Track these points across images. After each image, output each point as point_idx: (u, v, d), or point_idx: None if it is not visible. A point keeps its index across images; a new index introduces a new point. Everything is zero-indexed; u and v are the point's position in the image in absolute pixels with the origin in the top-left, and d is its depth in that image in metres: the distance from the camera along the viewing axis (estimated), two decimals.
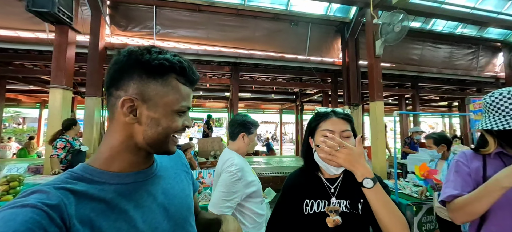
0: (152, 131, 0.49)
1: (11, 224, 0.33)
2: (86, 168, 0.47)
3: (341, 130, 0.78)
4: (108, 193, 0.45)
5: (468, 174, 0.86)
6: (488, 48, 6.41)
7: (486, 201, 0.73)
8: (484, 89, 7.29)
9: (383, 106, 4.10)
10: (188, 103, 0.53)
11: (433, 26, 5.69)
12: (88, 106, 3.95)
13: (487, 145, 0.85)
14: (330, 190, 0.82)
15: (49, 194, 0.39)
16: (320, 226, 0.76)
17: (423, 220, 1.99)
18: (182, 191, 0.60)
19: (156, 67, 0.47)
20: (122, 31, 4.61)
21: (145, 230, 0.47)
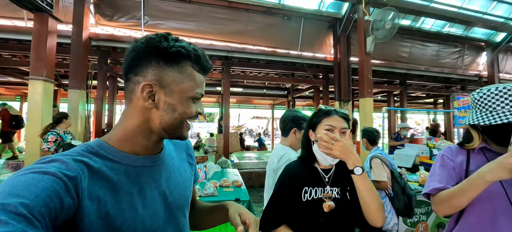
0: (169, 116, 0.51)
1: (33, 189, 0.35)
2: (101, 144, 0.49)
3: (341, 127, 0.90)
4: (118, 173, 0.48)
5: (452, 169, 0.88)
6: (473, 48, 6.63)
7: (470, 195, 0.75)
8: (467, 87, 7.58)
9: (372, 102, 4.17)
10: (202, 90, 0.55)
11: (422, 24, 5.82)
12: (72, 99, 3.78)
13: (472, 140, 0.87)
14: (324, 179, 0.93)
15: (68, 165, 0.41)
16: (317, 210, 0.87)
17: None
18: (183, 182, 0.62)
19: (173, 54, 0.50)
20: (108, 21, 4.41)
21: (144, 215, 0.49)
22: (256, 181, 5.00)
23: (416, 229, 2.05)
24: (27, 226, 0.32)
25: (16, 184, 0.35)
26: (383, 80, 7.31)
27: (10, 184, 0.36)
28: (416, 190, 2.13)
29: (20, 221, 0.32)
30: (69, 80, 3.85)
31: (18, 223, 0.32)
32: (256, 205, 3.90)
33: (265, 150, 9.67)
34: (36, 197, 0.35)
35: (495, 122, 0.76)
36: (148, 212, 0.50)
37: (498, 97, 0.78)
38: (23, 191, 0.35)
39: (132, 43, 0.51)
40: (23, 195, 0.34)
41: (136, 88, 0.50)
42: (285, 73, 6.58)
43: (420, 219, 2.07)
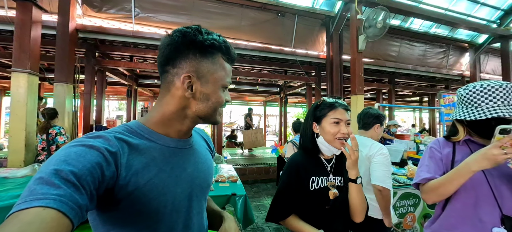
0: (203, 105, 0.56)
1: (81, 160, 0.40)
2: (139, 126, 0.54)
3: (346, 119, 0.94)
4: (153, 151, 0.52)
5: (440, 159, 0.94)
6: (457, 48, 6.93)
7: (456, 183, 0.81)
8: (451, 86, 7.92)
9: (363, 99, 4.28)
10: (230, 79, 0.60)
11: (411, 24, 6.00)
12: (57, 93, 3.61)
13: (458, 133, 0.93)
14: (327, 168, 0.99)
15: (110, 142, 0.46)
16: (323, 198, 0.93)
17: (397, 204, 2.14)
18: (208, 168, 0.66)
19: (208, 46, 0.54)
20: (96, 12, 4.23)
21: (174, 192, 0.54)
22: (249, 176, 5.02)
23: (404, 219, 2.15)
24: (75, 192, 0.37)
25: (68, 153, 0.40)
26: (373, 78, 7.51)
27: (64, 153, 0.41)
28: (404, 183, 2.23)
29: (69, 186, 0.36)
30: (54, 74, 3.68)
31: (68, 188, 0.36)
32: (250, 200, 3.93)
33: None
34: (83, 167, 0.39)
35: (480, 117, 0.81)
36: (178, 190, 0.55)
37: (482, 93, 0.84)
38: (73, 160, 0.39)
39: (166, 37, 0.55)
40: (74, 164, 0.39)
41: (175, 79, 0.54)
42: (278, 69, 6.61)
43: (408, 211, 2.17)
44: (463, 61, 7.15)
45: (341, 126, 0.92)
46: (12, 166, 2.67)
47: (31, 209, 0.32)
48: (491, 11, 5.83)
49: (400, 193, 2.13)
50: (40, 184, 0.35)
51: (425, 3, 5.19)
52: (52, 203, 0.33)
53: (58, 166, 0.37)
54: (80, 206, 0.37)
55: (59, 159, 0.39)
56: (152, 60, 6.04)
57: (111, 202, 0.46)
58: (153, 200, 0.49)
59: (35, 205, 0.33)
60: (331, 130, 0.92)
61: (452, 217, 0.90)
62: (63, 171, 0.37)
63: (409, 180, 2.28)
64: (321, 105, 0.99)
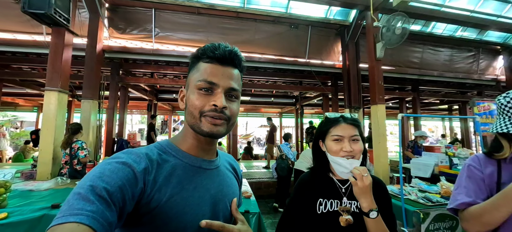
0: (187, 112, 0.56)
1: (114, 176, 0.43)
2: (168, 144, 0.57)
3: (350, 135, 0.83)
4: (179, 168, 0.54)
5: (481, 180, 0.80)
6: (488, 51, 6.40)
7: (505, 210, 0.67)
8: (484, 92, 7.27)
9: (384, 109, 4.04)
10: (210, 78, 0.54)
11: (433, 29, 5.69)
12: (84, 109, 3.88)
13: (502, 149, 0.78)
14: (341, 190, 0.85)
15: (141, 159, 0.49)
16: (333, 225, 0.79)
17: (431, 227, 1.90)
18: (233, 194, 0.64)
19: (192, 57, 0.58)
20: (121, 34, 4.57)
21: (195, 212, 0.52)
22: (265, 191, 4.88)
23: None
24: (106, 209, 0.39)
25: (103, 170, 0.43)
26: (394, 87, 7.14)
27: (99, 169, 0.44)
28: (438, 203, 1.99)
29: (102, 203, 0.39)
30: (82, 91, 3.97)
31: (100, 205, 0.38)
32: (266, 216, 3.79)
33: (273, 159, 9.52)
34: (115, 184, 0.42)
35: None
36: (199, 212, 0.54)
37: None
38: (107, 177, 0.42)
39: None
40: (107, 181, 0.41)
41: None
42: (293, 81, 6.55)
43: None
44: (496, 65, 6.56)
45: (343, 143, 0.82)
46: (41, 178, 2.84)
47: (67, 225, 0.35)
48: None
49: (433, 214, 1.90)
50: (77, 199, 0.38)
51: (448, 6, 4.91)
52: (85, 220, 0.36)
53: (93, 182, 0.40)
54: (110, 223, 0.39)
55: (95, 175, 0.42)
56: (171, 75, 6.32)
57: (133, 218, 0.47)
58: (173, 219, 0.49)
59: (71, 221, 0.35)
60: (333, 148, 0.83)
61: None
62: (97, 187, 0.40)
63: (443, 199, 2.03)
64: (325, 121, 0.91)
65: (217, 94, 0.54)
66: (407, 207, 2.00)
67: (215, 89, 0.54)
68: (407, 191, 2.26)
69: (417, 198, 2.11)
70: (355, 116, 0.90)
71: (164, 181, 0.50)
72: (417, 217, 1.90)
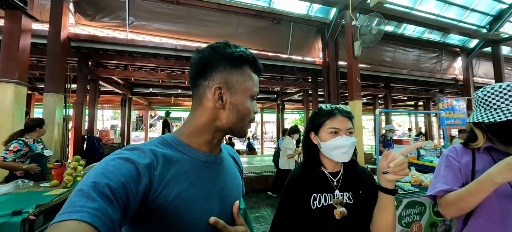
0: (233, 115, 0.56)
1: (117, 172, 0.42)
2: (173, 138, 0.56)
3: (346, 128, 0.84)
4: (185, 164, 0.53)
5: (458, 169, 0.86)
6: (450, 53, 7.06)
7: (478, 196, 0.73)
8: (445, 90, 8.03)
9: (361, 105, 4.26)
10: (257, 89, 0.61)
11: (404, 30, 6.10)
12: (47, 104, 3.49)
13: (477, 139, 0.85)
14: (333, 183, 0.86)
15: (145, 154, 0.48)
16: (328, 218, 0.80)
17: (403, 213, 2.06)
18: (237, 187, 0.65)
19: (237, 58, 0.56)
20: (89, 21, 4.17)
21: (202, 209, 0.52)
22: (248, 186, 4.89)
23: (410, 229, 2.07)
24: (109, 205, 0.38)
25: (106, 166, 0.42)
26: (369, 84, 7.56)
27: (103, 165, 0.42)
28: (409, 191, 2.16)
29: (104, 200, 0.38)
30: (44, 84, 3.56)
31: (103, 202, 0.37)
32: (249, 211, 3.80)
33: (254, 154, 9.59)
34: (118, 180, 0.40)
35: (500, 119, 0.75)
36: (208, 207, 0.53)
37: (502, 94, 0.78)
38: (110, 173, 0.41)
39: (197, 53, 0.57)
40: (110, 177, 0.40)
41: (206, 91, 0.55)
42: (275, 76, 6.60)
43: (414, 220, 2.09)
44: (456, 66, 7.27)
45: (340, 136, 0.82)
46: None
47: (68, 222, 0.34)
48: (480, 16, 5.97)
49: (405, 201, 2.05)
50: (79, 196, 0.37)
51: (417, 9, 5.30)
52: (87, 217, 0.35)
53: (96, 179, 0.39)
54: (113, 220, 0.38)
55: (98, 172, 0.41)
56: (147, 68, 5.96)
57: (142, 215, 0.47)
58: (183, 215, 0.49)
59: (72, 218, 0.35)
60: (329, 141, 0.83)
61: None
62: (100, 183, 0.39)
63: (413, 187, 2.21)
64: (319, 113, 0.90)
65: (255, 102, 0.61)
66: None
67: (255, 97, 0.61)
68: None
69: None
70: (347, 108, 0.90)
71: (171, 177, 0.49)
72: None
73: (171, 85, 7.81)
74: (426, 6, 5.36)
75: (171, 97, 8.66)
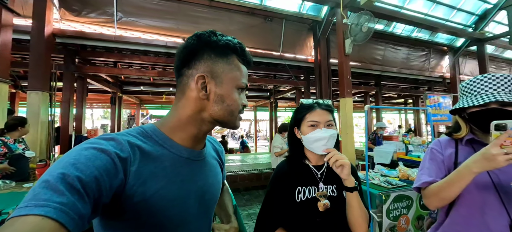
0: (219, 107, 0.54)
1: (90, 164, 0.38)
2: (154, 130, 0.53)
3: (325, 120, 0.86)
4: (165, 160, 0.50)
5: (441, 161, 0.89)
6: (437, 51, 7.24)
7: (458, 186, 0.75)
8: (433, 87, 8.24)
9: (352, 102, 4.32)
10: (246, 80, 0.58)
11: (394, 29, 6.21)
12: (31, 102, 3.36)
13: (460, 130, 0.88)
14: (317, 176, 0.88)
15: (122, 147, 0.44)
16: (311, 210, 0.82)
17: (391, 207, 2.11)
18: (217, 183, 0.64)
19: (223, 46, 0.54)
20: (75, 17, 4.03)
21: (182, 206, 0.51)
22: (241, 184, 4.89)
23: (398, 222, 2.12)
24: (78, 200, 0.35)
25: (78, 156, 0.38)
26: (360, 82, 7.67)
27: (74, 155, 0.39)
28: (397, 185, 2.21)
29: (73, 194, 0.34)
30: (28, 81, 3.43)
31: (72, 196, 0.34)
32: (242, 209, 3.80)
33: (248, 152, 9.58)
34: (90, 174, 0.37)
35: (478, 103, 0.77)
36: (186, 205, 0.52)
37: (482, 82, 0.81)
38: (82, 165, 0.37)
39: (183, 42, 0.55)
40: (82, 169, 0.37)
41: (189, 80, 0.53)
42: (267, 74, 6.59)
43: (401, 213, 2.14)
44: (443, 64, 7.47)
45: (320, 128, 0.85)
46: None
47: (30, 217, 0.31)
48: (466, 16, 6.15)
49: (393, 195, 2.10)
50: (45, 188, 0.34)
51: (406, 8, 5.40)
52: (52, 213, 0.32)
53: (65, 170, 0.36)
54: (82, 216, 0.35)
55: (68, 162, 0.37)
56: (138, 66, 5.84)
57: (116, 211, 0.44)
58: (159, 213, 0.47)
59: (35, 213, 0.31)
60: (309, 134, 0.85)
61: (457, 223, 0.84)
62: (70, 175, 0.35)
63: (401, 182, 2.26)
64: (300, 107, 0.92)
65: (244, 94, 0.59)
66: (371, 191, 2.18)
67: (244, 90, 0.58)
68: (371, 176, 2.46)
69: (379, 182, 2.32)
70: (328, 102, 0.92)
71: (149, 174, 0.46)
72: (379, 199, 2.08)
73: (162, 83, 7.68)
74: (415, 5, 5.47)
75: (163, 95, 8.53)
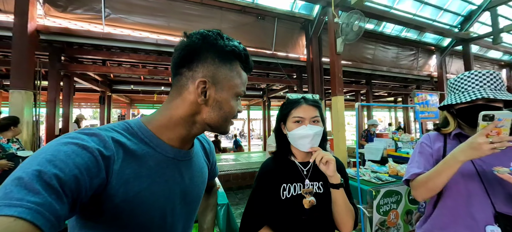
0: (215, 113, 0.52)
1: (69, 162, 0.35)
2: (141, 127, 0.50)
3: (311, 116, 0.84)
4: (150, 159, 0.48)
5: (430, 155, 0.91)
6: (425, 51, 7.44)
7: (445, 175, 0.76)
8: (422, 86, 8.47)
9: (343, 100, 4.37)
10: (245, 88, 0.57)
11: (384, 29, 6.33)
12: (14, 102, 3.22)
13: (448, 125, 0.91)
14: (303, 172, 0.87)
15: (106, 144, 0.42)
16: (297, 207, 0.81)
17: (381, 202, 2.15)
18: (202, 183, 0.63)
19: (229, 52, 0.52)
20: (61, 12, 3.89)
21: (164, 207, 0.49)
22: (234, 183, 4.87)
23: (387, 217, 2.16)
24: (55, 200, 0.32)
25: (56, 152, 0.36)
26: (351, 80, 7.79)
27: (52, 150, 0.36)
28: (386, 181, 2.25)
29: (50, 193, 0.32)
30: (10, 80, 3.29)
31: (49, 196, 0.32)
32: (235, 207, 3.79)
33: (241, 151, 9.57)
34: (70, 172, 0.35)
35: (465, 100, 0.79)
36: (168, 206, 0.50)
37: (470, 79, 0.83)
38: (61, 162, 0.35)
39: (184, 38, 0.52)
40: (60, 167, 0.34)
41: (189, 82, 0.50)
42: (260, 73, 6.59)
43: (391, 208, 2.19)
44: (431, 63, 7.68)
45: (305, 124, 0.83)
46: None
47: (0, 218, 0.28)
48: (453, 16, 6.35)
49: (383, 191, 2.14)
50: (18, 186, 0.31)
51: (396, 8, 5.51)
52: (26, 214, 0.29)
53: (42, 167, 0.33)
54: (59, 216, 0.32)
55: (45, 158, 0.34)
56: (128, 64, 5.70)
57: (94, 211, 0.42)
58: (141, 214, 0.45)
59: (7, 214, 0.28)
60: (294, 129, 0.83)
61: (444, 215, 0.86)
62: (46, 173, 0.32)
63: (391, 178, 2.31)
64: (286, 102, 0.90)
65: (239, 100, 0.57)
66: (362, 187, 2.21)
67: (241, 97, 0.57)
68: (362, 173, 2.50)
69: (370, 178, 2.36)
70: (316, 97, 0.91)
71: (132, 174, 0.44)
72: (370, 195, 2.12)
73: (153, 82, 7.54)
74: (403, 5, 5.60)
75: (154, 94, 8.38)
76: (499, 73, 0.81)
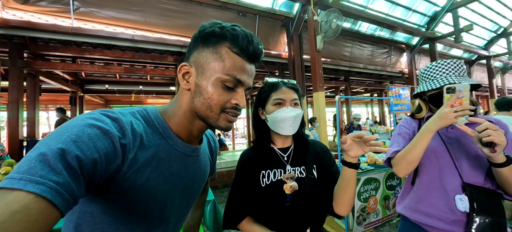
0: (197, 99, 0.49)
1: (91, 145, 0.36)
2: (157, 117, 0.50)
3: (291, 99, 0.83)
4: (161, 150, 0.48)
5: (408, 134, 1.00)
6: (397, 49, 7.95)
7: (420, 146, 0.83)
8: (394, 81, 9.04)
9: (324, 96, 4.52)
10: (239, 75, 0.49)
11: (359, 27, 6.65)
12: None
13: (422, 110, 1.01)
14: (283, 158, 0.85)
15: (125, 131, 0.42)
16: (278, 194, 0.79)
17: (361, 190, 2.27)
18: (203, 180, 0.63)
19: (209, 33, 0.49)
20: (22, 4, 3.53)
21: (163, 199, 0.50)
22: (219, 181, 4.81)
23: (367, 203, 2.29)
24: (74, 181, 0.33)
25: (81, 133, 0.36)
26: (331, 77, 8.08)
27: (77, 130, 0.36)
28: (366, 169, 2.38)
29: (70, 174, 0.32)
30: None
31: (68, 176, 0.32)
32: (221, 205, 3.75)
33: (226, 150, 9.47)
34: (91, 155, 0.35)
35: (435, 86, 0.89)
36: (168, 198, 0.51)
37: (437, 69, 0.92)
38: (84, 145, 0.35)
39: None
40: (82, 149, 0.35)
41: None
42: None
43: (370, 194, 2.32)
44: (402, 60, 8.23)
45: (286, 107, 0.81)
46: None
47: (22, 193, 0.28)
48: (420, 17, 6.85)
49: (363, 179, 2.26)
50: (41, 163, 0.31)
51: (370, 8, 5.81)
52: (48, 193, 0.30)
53: (66, 146, 0.33)
54: (75, 197, 0.33)
55: (70, 137, 0.34)
56: (101, 62, 5.35)
57: (100, 191, 0.42)
58: (143, 203, 0.46)
59: (30, 190, 0.29)
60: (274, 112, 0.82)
61: (421, 189, 0.94)
62: (70, 153, 0.33)
63: (370, 166, 2.44)
64: (264, 86, 0.89)
65: (240, 92, 0.51)
66: None
67: (239, 87, 0.51)
68: None
69: None
70: (294, 82, 0.92)
71: (143, 163, 0.45)
72: None
73: (130, 80, 7.17)
74: (377, 5, 5.93)
75: (131, 94, 7.97)
76: (461, 61, 0.91)
